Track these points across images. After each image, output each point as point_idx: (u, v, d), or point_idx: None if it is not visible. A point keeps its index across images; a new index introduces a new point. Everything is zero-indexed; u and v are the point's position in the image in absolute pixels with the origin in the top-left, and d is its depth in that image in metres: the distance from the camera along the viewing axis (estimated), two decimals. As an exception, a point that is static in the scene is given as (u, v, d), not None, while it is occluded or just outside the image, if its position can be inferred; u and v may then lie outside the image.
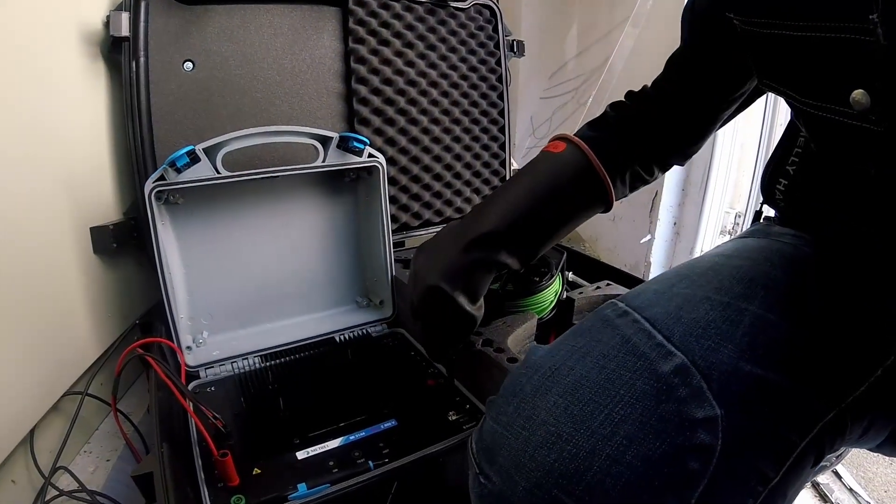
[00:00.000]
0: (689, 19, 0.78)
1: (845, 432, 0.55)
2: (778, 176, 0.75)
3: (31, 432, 0.89)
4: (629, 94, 0.88)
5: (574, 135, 0.82)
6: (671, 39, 0.81)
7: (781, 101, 1.70)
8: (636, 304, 0.60)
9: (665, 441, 0.47)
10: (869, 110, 0.48)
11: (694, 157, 0.92)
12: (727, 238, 2.01)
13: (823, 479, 1.30)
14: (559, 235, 0.80)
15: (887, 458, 1.39)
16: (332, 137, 1.01)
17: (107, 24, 1.06)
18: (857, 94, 0.48)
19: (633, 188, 0.87)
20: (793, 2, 0.51)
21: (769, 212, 0.83)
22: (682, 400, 0.49)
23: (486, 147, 1.54)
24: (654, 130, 0.84)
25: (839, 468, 1.33)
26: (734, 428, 0.48)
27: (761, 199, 0.82)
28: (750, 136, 1.87)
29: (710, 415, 0.48)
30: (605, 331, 0.58)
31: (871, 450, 0.66)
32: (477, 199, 1.54)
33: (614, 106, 0.87)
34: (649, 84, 0.87)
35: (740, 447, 0.48)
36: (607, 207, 0.82)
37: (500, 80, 1.53)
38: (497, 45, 1.51)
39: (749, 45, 0.62)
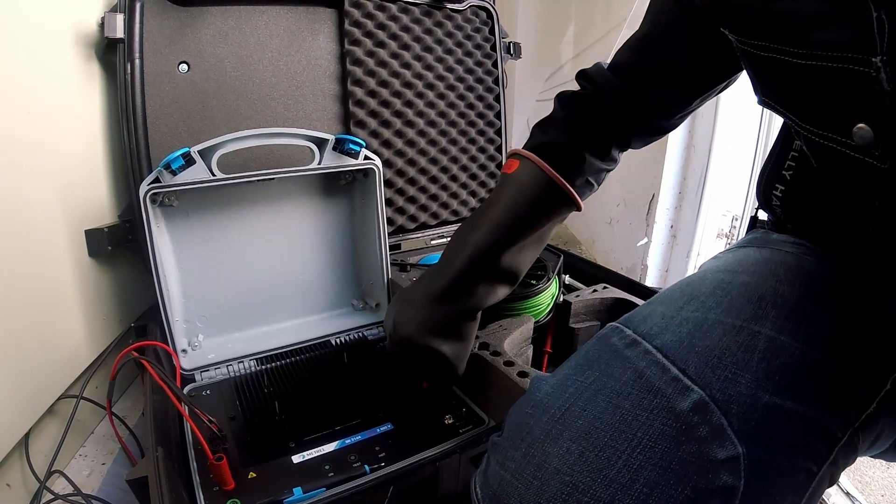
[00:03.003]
0: (675, 9, 0.72)
1: (858, 449, 0.55)
2: (774, 181, 0.73)
3: (27, 436, 0.89)
4: (581, 75, 0.84)
5: (526, 146, 0.82)
6: None
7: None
8: (644, 331, 0.57)
9: (687, 486, 0.45)
10: (872, 145, 0.47)
11: (692, 161, 0.90)
12: (724, 241, 2.02)
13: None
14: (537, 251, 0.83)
15: (884, 462, 1.39)
16: (328, 139, 1.01)
17: (101, 26, 1.05)
18: (861, 127, 0.47)
19: (599, 182, 0.86)
20: (794, 29, 0.49)
21: (765, 215, 0.82)
22: (702, 440, 0.47)
23: (482, 149, 1.54)
24: (612, 119, 0.81)
25: (835, 471, 1.32)
26: (756, 466, 0.46)
27: (757, 204, 0.81)
28: (747, 139, 1.87)
29: (732, 454, 0.46)
30: (615, 364, 0.55)
31: (872, 456, 0.66)
32: (473, 202, 1.55)
33: (563, 101, 0.84)
34: (606, 63, 0.82)
35: (762, 485, 0.47)
36: (577, 208, 0.82)
37: (496, 82, 1.53)
38: (493, 48, 1.51)
39: (747, 64, 0.61)
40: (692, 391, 0.49)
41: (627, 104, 0.79)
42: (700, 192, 1.94)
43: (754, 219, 0.84)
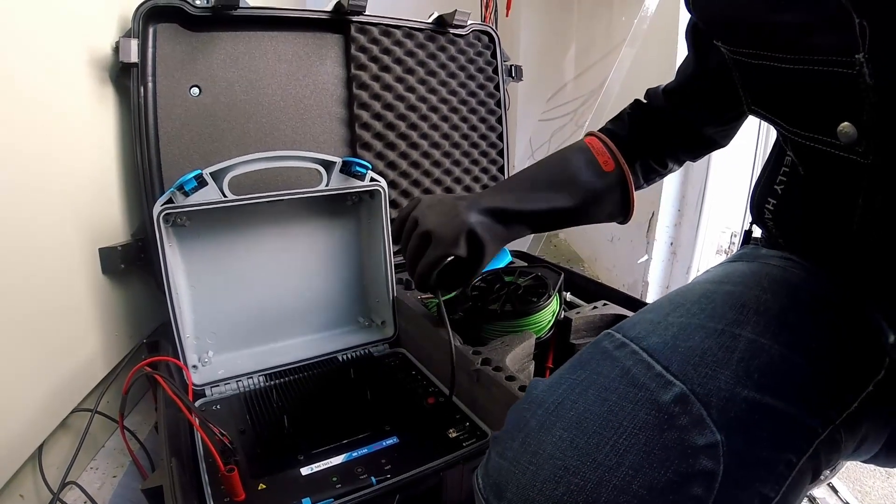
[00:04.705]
0: (692, 37, 0.82)
1: (841, 447, 0.56)
2: (766, 196, 0.76)
3: (40, 448, 0.91)
4: (648, 92, 0.95)
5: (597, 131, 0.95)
6: (668, 60, 0.84)
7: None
8: (633, 335, 0.60)
9: (669, 469, 0.47)
10: (856, 142, 0.49)
11: (690, 178, 0.96)
12: (723, 257, 2.03)
13: (820, 493, 1.31)
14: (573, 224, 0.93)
15: (883, 472, 1.40)
16: (336, 162, 1.03)
17: (116, 50, 1.09)
18: (845, 126, 0.49)
19: (647, 179, 0.96)
20: (780, 36, 0.53)
21: (759, 232, 0.84)
22: (683, 428, 0.49)
23: (485, 170, 1.57)
24: (663, 134, 0.92)
25: (835, 482, 1.33)
26: (734, 452, 0.48)
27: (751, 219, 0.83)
28: (744, 155, 1.89)
29: (711, 441, 0.48)
30: (604, 363, 0.58)
31: (864, 461, 0.68)
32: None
33: (633, 104, 0.96)
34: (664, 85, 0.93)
35: (741, 471, 0.49)
36: (625, 219, 0.93)
37: (498, 104, 1.56)
38: (495, 70, 1.55)
39: (738, 72, 0.64)
40: (674, 385, 0.52)
41: (667, 130, 0.92)
42: (699, 209, 1.97)
43: (748, 233, 0.87)
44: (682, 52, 1.95)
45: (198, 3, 1.13)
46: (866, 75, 0.45)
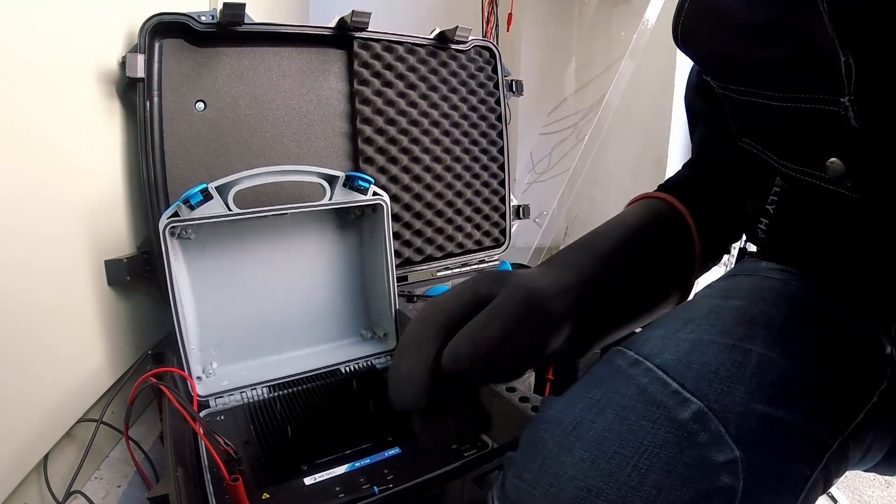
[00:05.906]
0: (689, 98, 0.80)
1: (849, 458, 0.58)
2: (759, 216, 0.77)
3: (45, 457, 0.92)
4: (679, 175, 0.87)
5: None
6: (667, 74, 0.83)
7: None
8: (645, 352, 0.60)
9: (691, 486, 0.48)
10: (844, 177, 0.50)
11: None
12: (724, 270, 2.04)
13: (819, 502, 1.32)
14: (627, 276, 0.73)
15: (883, 481, 1.41)
16: (339, 177, 1.05)
17: (122, 65, 1.10)
18: (833, 161, 0.50)
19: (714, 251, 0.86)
20: (766, 73, 0.54)
21: (753, 248, 0.85)
22: (703, 445, 0.49)
23: (486, 184, 1.59)
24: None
25: (835, 492, 1.34)
26: (753, 468, 0.49)
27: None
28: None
29: (730, 458, 0.49)
30: (620, 381, 0.58)
31: (865, 470, 0.69)
32: (477, 235, 1.60)
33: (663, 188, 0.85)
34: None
35: (759, 486, 0.49)
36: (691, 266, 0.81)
37: (499, 118, 1.58)
38: (496, 85, 1.57)
39: (728, 107, 0.65)
40: (691, 402, 0.52)
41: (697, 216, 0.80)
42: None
43: (743, 250, 0.88)
44: (681, 66, 1.98)
45: (203, 18, 1.15)
46: (851, 118, 0.46)
